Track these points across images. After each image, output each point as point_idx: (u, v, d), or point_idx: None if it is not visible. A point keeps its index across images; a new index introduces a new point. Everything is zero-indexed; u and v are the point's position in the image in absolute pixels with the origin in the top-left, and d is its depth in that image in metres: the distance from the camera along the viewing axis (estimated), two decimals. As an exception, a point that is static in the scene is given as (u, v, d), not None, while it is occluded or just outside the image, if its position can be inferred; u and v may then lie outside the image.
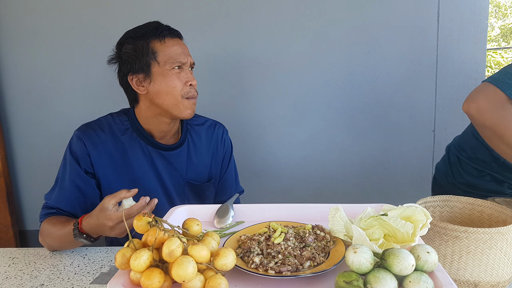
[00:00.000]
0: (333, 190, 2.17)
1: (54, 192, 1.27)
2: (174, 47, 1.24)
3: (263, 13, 2.03)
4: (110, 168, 1.29)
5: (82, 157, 1.26)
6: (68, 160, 1.27)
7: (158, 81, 1.22)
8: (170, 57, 1.22)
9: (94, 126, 1.30)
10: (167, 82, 1.22)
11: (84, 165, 1.26)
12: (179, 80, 1.23)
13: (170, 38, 1.25)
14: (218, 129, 1.46)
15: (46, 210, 1.26)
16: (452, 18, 2.00)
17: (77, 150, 1.26)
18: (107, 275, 1.05)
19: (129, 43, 1.24)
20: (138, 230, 0.71)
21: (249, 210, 1.06)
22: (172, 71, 1.22)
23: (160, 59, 1.22)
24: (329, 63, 2.06)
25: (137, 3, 2.03)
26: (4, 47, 2.10)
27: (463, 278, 0.88)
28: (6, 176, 2.15)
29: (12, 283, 1.02)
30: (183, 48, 1.26)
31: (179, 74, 1.23)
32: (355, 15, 2.02)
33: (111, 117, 1.33)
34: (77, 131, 1.29)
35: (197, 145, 1.39)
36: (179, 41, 1.27)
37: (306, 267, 0.74)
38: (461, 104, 1.22)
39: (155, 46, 1.22)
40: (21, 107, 2.14)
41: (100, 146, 1.28)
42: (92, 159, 1.27)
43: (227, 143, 1.48)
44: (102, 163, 1.28)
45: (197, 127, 1.42)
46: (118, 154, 1.29)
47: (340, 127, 2.11)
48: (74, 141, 1.28)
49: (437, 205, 1.09)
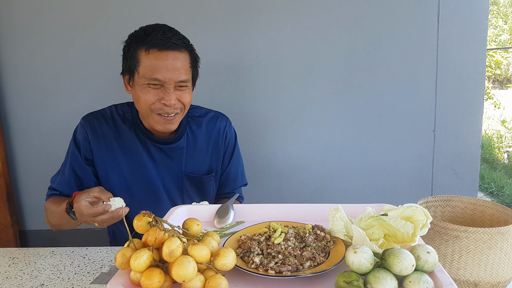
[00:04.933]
0: (333, 190, 2.17)
1: (58, 176, 1.35)
2: (155, 61, 1.15)
3: (263, 13, 2.03)
4: (109, 157, 1.32)
5: (83, 144, 1.31)
6: (71, 146, 1.34)
7: (135, 89, 1.22)
8: (147, 71, 1.16)
9: (97, 115, 1.35)
10: (139, 93, 1.19)
11: (84, 152, 1.31)
12: (152, 95, 1.18)
13: (156, 50, 1.16)
14: (221, 121, 1.44)
15: (50, 191, 1.35)
16: (452, 18, 2.00)
17: (80, 137, 1.32)
18: (107, 275, 1.05)
19: (127, 42, 1.24)
20: (138, 230, 0.71)
21: (249, 210, 1.06)
22: (147, 86, 1.17)
23: (139, 70, 1.18)
24: (329, 63, 2.06)
25: (137, 3, 2.03)
26: (4, 47, 2.10)
27: (463, 278, 0.87)
28: (6, 176, 2.15)
29: (12, 283, 1.02)
30: (168, 64, 1.16)
31: (155, 90, 1.18)
32: (355, 15, 2.02)
33: (114, 108, 1.37)
34: (82, 119, 1.35)
35: (197, 137, 1.38)
36: (169, 54, 1.16)
37: (306, 267, 0.74)
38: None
39: (140, 55, 1.18)
40: (21, 107, 2.14)
41: (101, 135, 1.32)
42: (92, 146, 1.31)
43: (229, 135, 1.45)
44: (101, 151, 1.32)
45: (199, 118, 1.41)
46: (117, 145, 1.33)
47: (340, 127, 2.11)
48: (78, 129, 1.34)
49: (439, 205, 1.09)
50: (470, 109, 2.04)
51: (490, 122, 7.36)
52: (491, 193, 4.44)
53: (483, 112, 2.08)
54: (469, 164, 2.11)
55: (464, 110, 2.04)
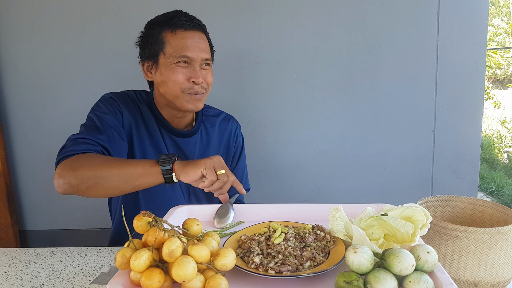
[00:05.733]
0: (333, 190, 2.17)
1: (96, 134, 1.16)
2: (183, 40, 1.20)
3: (263, 13, 2.03)
4: (138, 140, 1.28)
5: (117, 115, 1.24)
6: (100, 112, 1.22)
7: (161, 72, 1.21)
8: (176, 50, 1.19)
9: (121, 93, 1.30)
10: (168, 75, 1.20)
11: (119, 121, 1.24)
12: (182, 74, 1.20)
13: (182, 30, 1.20)
14: (232, 123, 1.46)
15: (84, 145, 1.11)
16: (452, 18, 2.00)
17: (112, 108, 1.24)
18: (107, 275, 1.05)
19: (146, 29, 1.25)
20: (138, 230, 0.71)
21: (249, 210, 1.06)
22: (176, 65, 1.19)
23: (166, 51, 1.20)
24: (329, 63, 2.06)
25: (137, 3, 2.03)
26: (4, 47, 2.10)
27: (463, 278, 0.87)
28: (6, 176, 2.15)
29: (12, 283, 1.02)
30: (195, 42, 1.20)
31: (184, 69, 1.20)
32: (355, 15, 2.02)
33: (133, 93, 1.33)
34: (106, 94, 1.28)
35: (210, 136, 1.39)
36: (194, 34, 1.22)
37: (306, 267, 0.74)
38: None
39: (165, 37, 1.20)
40: (21, 107, 2.14)
41: (132, 114, 1.27)
42: (124, 122, 1.25)
43: (239, 139, 1.48)
44: (131, 130, 1.27)
45: (212, 118, 1.42)
46: (144, 129, 1.29)
47: (340, 127, 2.11)
48: (107, 100, 1.26)
49: (439, 204, 1.09)
50: (470, 109, 2.04)
51: (490, 122, 7.36)
52: (491, 193, 4.44)
53: (483, 112, 2.08)
54: (469, 164, 2.11)
55: (464, 110, 2.04)
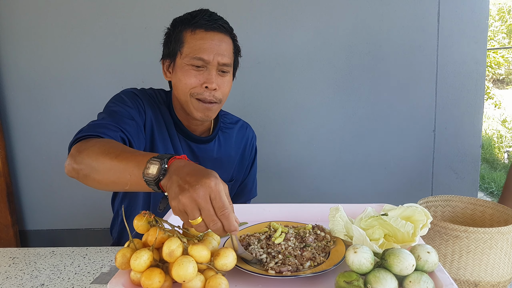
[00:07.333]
0: (333, 190, 2.17)
1: (118, 120, 1.06)
2: (201, 40, 1.12)
3: (263, 13, 2.03)
4: (159, 139, 1.21)
5: (139, 110, 1.15)
6: (127, 104, 1.13)
7: (176, 72, 1.16)
8: (192, 50, 1.11)
9: (142, 90, 1.23)
10: (180, 76, 1.13)
11: (141, 117, 1.15)
12: (194, 78, 1.12)
13: (203, 30, 1.13)
14: (249, 131, 1.42)
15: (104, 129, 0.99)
16: (452, 18, 2.00)
17: (137, 103, 1.16)
18: (108, 275, 1.05)
19: (170, 26, 1.20)
20: (138, 230, 0.71)
21: (250, 210, 1.06)
22: (190, 66, 1.12)
23: (183, 50, 1.13)
24: (329, 63, 2.06)
25: (137, 3, 2.03)
26: (4, 47, 2.10)
27: (463, 278, 0.87)
28: (6, 176, 2.15)
29: (12, 283, 1.02)
30: (214, 44, 1.12)
31: (197, 72, 1.12)
32: (355, 15, 2.02)
33: (152, 91, 1.26)
34: (127, 89, 1.20)
35: (228, 143, 1.34)
36: (215, 35, 1.13)
37: (307, 267, 0.74)
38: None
39: (185, 36, 1.14)
40: (21, 107, 2.14)
41: (152, 110, 1.20)
42: (146, 119, 1.18)
43: (254, 147, 1.44)
44: (152, 129, 1.20)
45: (230, 125, 1.37)
46: (160, 127, 1.22)
47: (340, 127, 2.11)
48: (130, 94, 1.17)
49: (439, 204, 1.09)
50: (470, 109, 2.04)
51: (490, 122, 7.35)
52: (491, 193, 4.44)
53: (483, 112, 2.08)
54: (469, 164, 2.11)
55: (464, 110, 2.04)
